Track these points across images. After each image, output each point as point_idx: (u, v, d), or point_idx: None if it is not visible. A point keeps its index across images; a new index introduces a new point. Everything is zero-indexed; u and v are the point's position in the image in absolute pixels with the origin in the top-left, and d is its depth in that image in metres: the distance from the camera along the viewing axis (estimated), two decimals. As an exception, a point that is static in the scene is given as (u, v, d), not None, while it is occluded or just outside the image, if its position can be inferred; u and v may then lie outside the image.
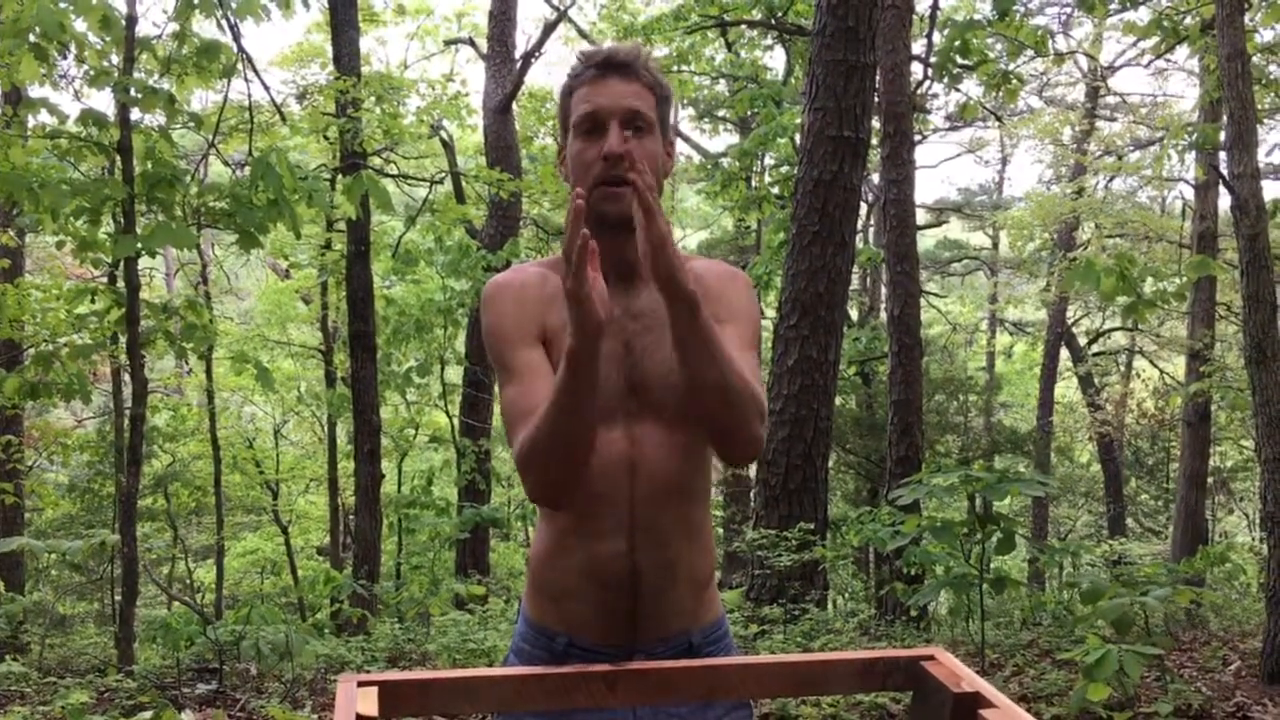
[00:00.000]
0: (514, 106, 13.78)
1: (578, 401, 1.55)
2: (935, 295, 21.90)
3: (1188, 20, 9.13)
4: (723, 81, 16.96)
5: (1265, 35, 9.44)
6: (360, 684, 1.45)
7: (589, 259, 1.46)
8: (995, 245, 23.19)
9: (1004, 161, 24.27)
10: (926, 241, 21.50)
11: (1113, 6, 11.24)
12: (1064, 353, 19.74)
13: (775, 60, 17.10)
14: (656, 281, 1.52)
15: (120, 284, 7.10)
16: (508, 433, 1.69)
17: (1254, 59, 7.94)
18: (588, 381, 1.54)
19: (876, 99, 8.40)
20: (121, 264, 6.69)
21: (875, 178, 14.32)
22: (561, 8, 14.88)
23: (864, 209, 15.99)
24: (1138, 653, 4.25)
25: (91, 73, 6.23)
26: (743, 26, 14.52)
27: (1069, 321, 19.73)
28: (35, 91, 6.74)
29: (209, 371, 13.08)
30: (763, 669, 1.58)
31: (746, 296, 1.79)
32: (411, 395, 14.64)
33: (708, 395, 1.58)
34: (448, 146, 14.66)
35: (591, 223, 1.68)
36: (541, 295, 1.74)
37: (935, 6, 11.81)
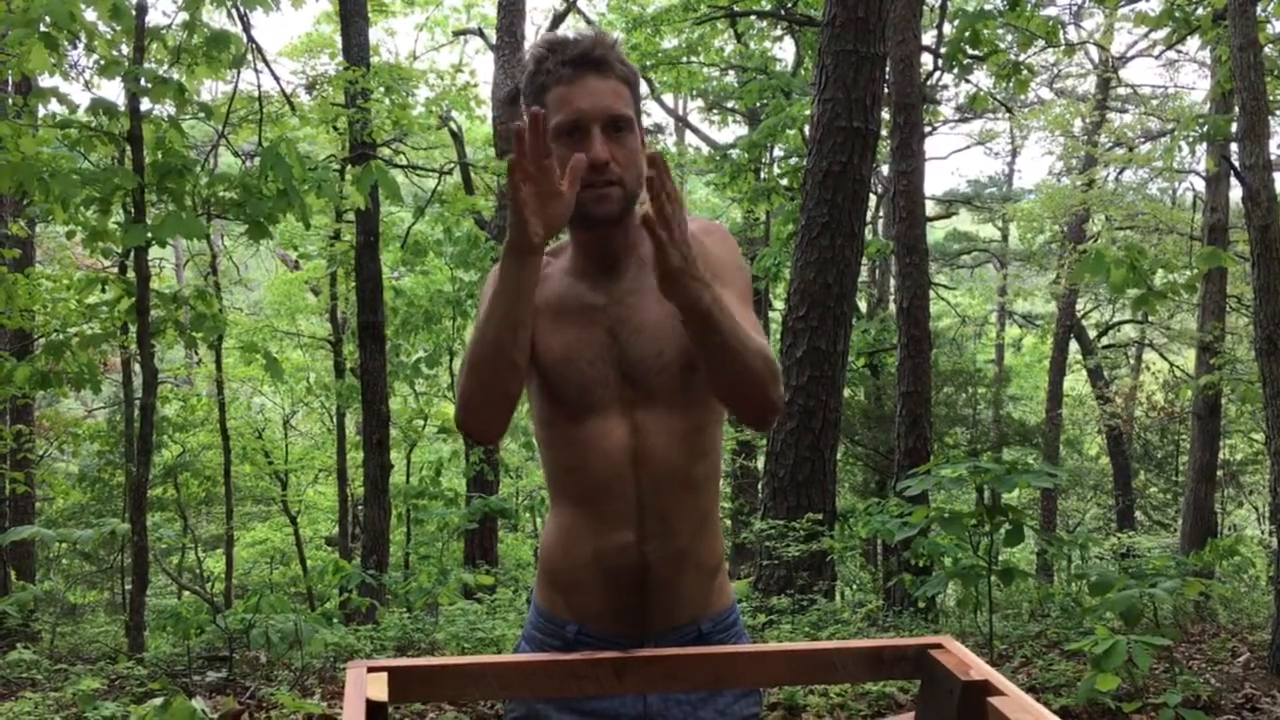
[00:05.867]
0: (523, 97, 13.75)
1: (507, 302, 1.58)
2: (944, 287, 21.85)
3: (1199, 11, 9.07)
4: (732, 73, 16.92)
5: (1278, 26, 9.39)
6: (370, 670, 1.45)
7: (525, 151, 1.52)
8: (1005, 237, 23.12)
9: (1014, 153, 24.22)
10: (936, 233, 21.45)
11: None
12: (1073, 345, 19.69)
13: (785, 51, 17.02)
14: (672, 298, 1.52)
15: (130, 274, 7.12)
16: None
17: (1266, 50, 7.90)
18: (519, 278, 1.58)
19: (886, 90, 8.37)
20: (131, 254, 6.72)
21: (885, 169, 14.29)
22: (571, -1, 14.87)
23: (873, 200, 15.96)
24: (1146, 643, 4.25)
25: (102, 62, 6.24)
26: (752, 17, 14.48)
27: (1079, 314, 19.67)
28: (45, 81, 6.74)
29: (219, 362, 13.11)
30: (770, 657, 1.58)
31: (730, 250, 1.77)
32: (420, 386, 14.69)
33: (731, 379, 1.59)
34: (456, 137, 14.66)
35: (578, 220, 1.68)
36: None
37: (946, -3, 11.77)
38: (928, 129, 16.80)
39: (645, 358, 1.68)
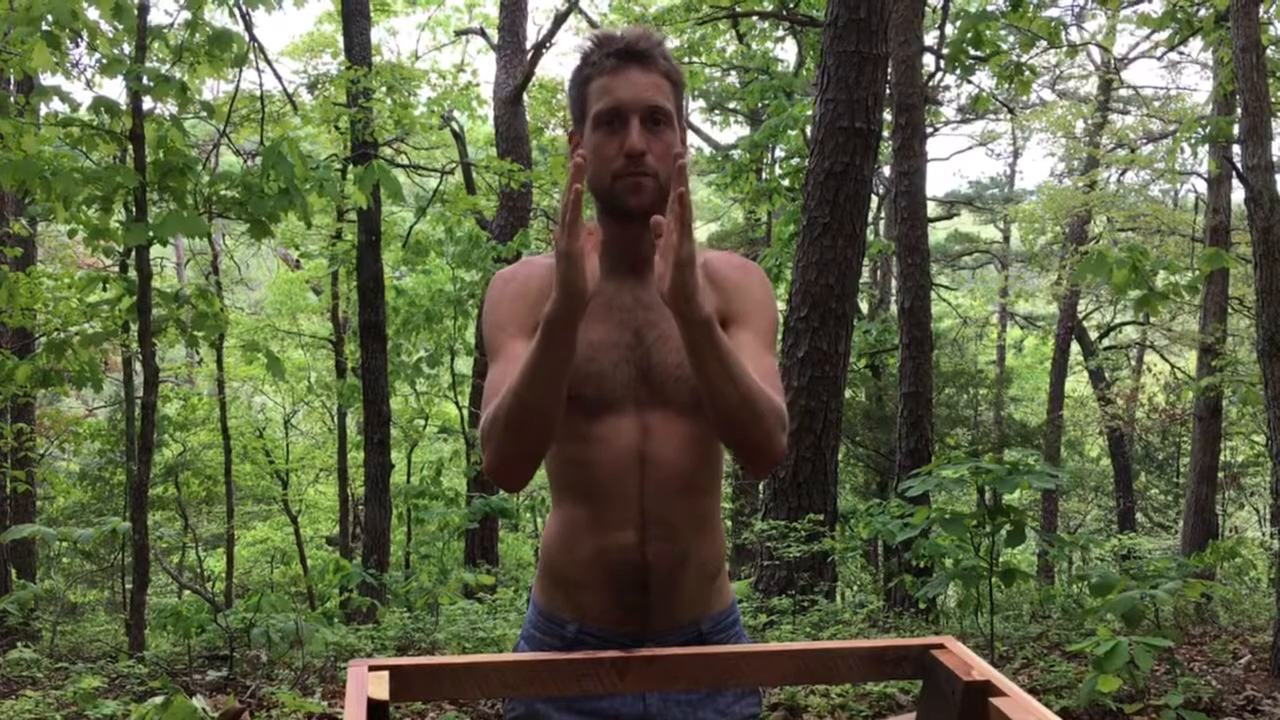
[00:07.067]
0: (525, 97, 13.76)
1: (547, 372, 1.53)
2: (946, 288, 21.86)
3: (1202, 12, 9.07)
4: (733, 73, 16.92)
5: (1280, 27, 9.38)
6: (371, 668, 1.45)
7: (580, 219, 1.44)
8: (1006, 238, 23.13)
9: (1016, 154, 24.17)
10: (937, 234, 21.45)
11: (1126, -2, 11.17)
12: (1075, 347, 19.68)
13: (786, 52, 17.01)
14: (672, 303, 1.49)
15: (131, 272, 7.12)
16: (481, 412, 1.69)
17: (1268, 51, 7.89)
18: (560, 352, 1.52)
19: (888, 91, 8.37)
20: (133, 252, 6.72)
21: (886, 170, 14.29)
22: (573, -2, 14.84)
23: (875, 201, 15.94)
24: (1148, 644, 4.25)
25: (104, 61, 6.24)
26: (754, 18, 14.47)
27: (1080, 316, 19.66)
28: (47, 79, 6.73)
29: (220, 361, 13.10)
30: (772, 657, 1.58)
31: (762, 290, 1.76)
32: (421, 386, 14.68)
33: (728, 412, 1.57)
34: (458, 137, 14.66)
35: (613, 213, 1.68)
36: (544, 288, 1.72)
37: (948, -2, 11.77)
38: (929, 130, 16.79)
39: (668, 365, 1.68)
